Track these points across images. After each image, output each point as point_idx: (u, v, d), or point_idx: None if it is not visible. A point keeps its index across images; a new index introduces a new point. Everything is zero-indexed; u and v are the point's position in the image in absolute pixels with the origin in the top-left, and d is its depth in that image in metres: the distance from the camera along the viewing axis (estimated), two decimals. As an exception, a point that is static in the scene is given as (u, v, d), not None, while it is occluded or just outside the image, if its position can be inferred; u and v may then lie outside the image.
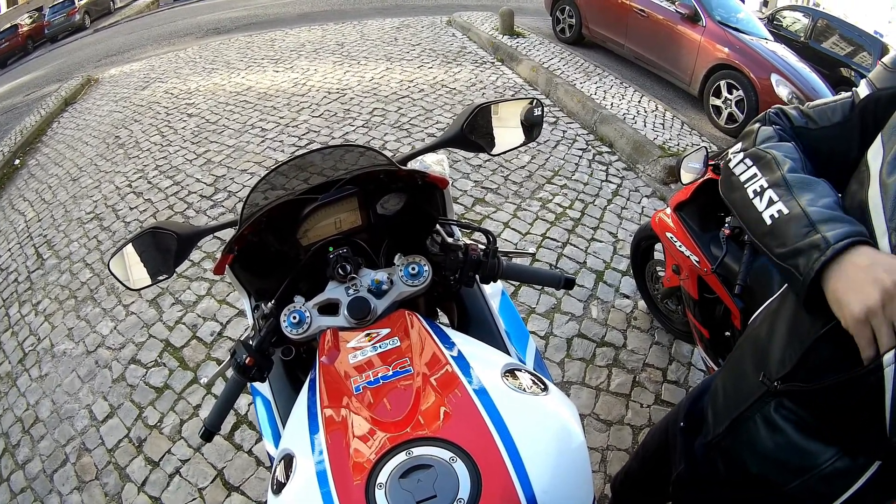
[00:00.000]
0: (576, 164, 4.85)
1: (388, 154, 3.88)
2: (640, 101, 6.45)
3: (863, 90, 1.06)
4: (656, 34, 7.66)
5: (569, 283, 1.31)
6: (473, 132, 1.44)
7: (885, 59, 1.30)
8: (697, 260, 2.38)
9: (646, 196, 4.50)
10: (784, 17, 12.46)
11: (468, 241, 1.33)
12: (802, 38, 11.54)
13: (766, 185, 0.96)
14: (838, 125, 1.07)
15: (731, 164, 1.06)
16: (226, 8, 15.25)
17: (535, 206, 4.17)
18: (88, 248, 4.16)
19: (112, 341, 3.26)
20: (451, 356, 1.06)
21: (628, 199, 4.44)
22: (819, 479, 1.01)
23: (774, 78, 6.42)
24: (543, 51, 8.04)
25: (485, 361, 1.07)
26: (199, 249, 3.81)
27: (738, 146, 1.09)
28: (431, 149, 1.46)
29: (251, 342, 1.17)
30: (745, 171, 1.02)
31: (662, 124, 5.88)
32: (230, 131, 5.51)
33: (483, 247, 1.31)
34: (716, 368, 2.53)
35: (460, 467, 0.85)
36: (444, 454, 0.86)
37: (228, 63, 8.14)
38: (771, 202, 0.93)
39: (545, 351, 3.01)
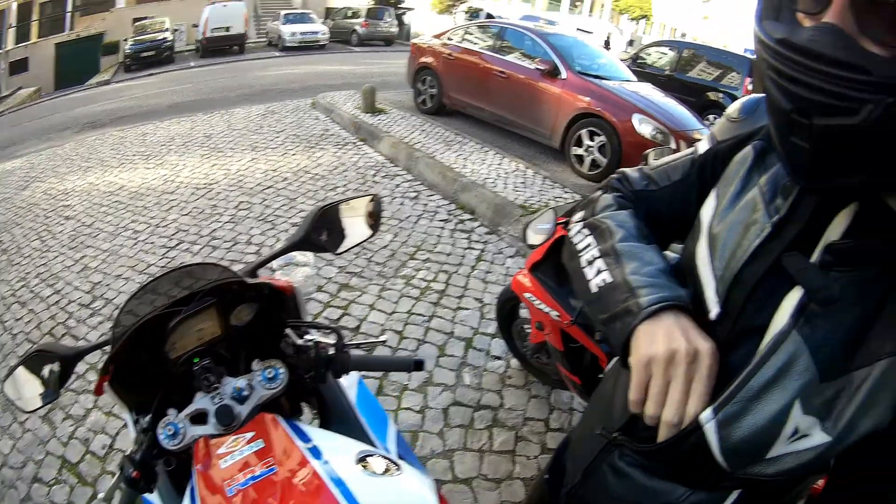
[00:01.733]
0: (438, 236, 5.17)
1: (253, 249, 3.98)
2: (500, 164, 6.93)
3: (703, 145, 1.14)
4: (517, 94, 8.23)
5: (418, 366, 1.43)
6: (317, 234, 1.58)
7: (729, 110, 1.42)
8: (558, 314, 2.59)
9: (510, 257, 4.85)
10: (649, 55, 13.49)
11: (319, 339, 1.46)
12: (668, 72, 12.55)
13: (597, 255, 1.02)
14: (678, 183, 1.14)
15: (571, 234, 1.14)
16: (102, 99, 15.79)
17: (400, 285, 4.40)
18: (-21, 361, 4.13)
19: (14, 460, 3.25)
20: (309, 450, 1.19)
21: (492, 263, 4.76)
22: None
23: (636, 118, 6.97)
24: (404, 125, 8.54)
25: (339, 451, 1.22)
26: (84, 361, 3.80)
27: (580, 214, 1.17)
28: (278, 255, 1.59)
29: (136, 456, 1.25)
30: (581, 241, 1.09)
31: (524, 183, 6.33)
32: (105, 234, 5.61)
33: (333, 343, 1.42)
34: None
35: None
36: None
37: (102, 161, 8.33)
38: (599, 272, 0.99)
39: (422, 424, 3.17)
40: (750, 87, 11.28)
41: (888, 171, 0.69)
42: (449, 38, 9.70)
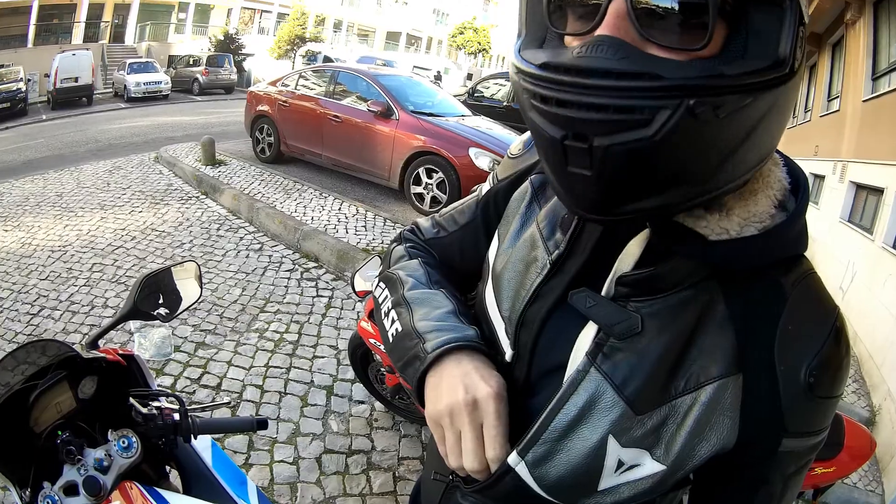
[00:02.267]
0: (285, 286, 5.23)
1: (110, 313, 3.88)
2: (340, 209, 7.12)
3: (485, 186, 1.12)
4: (352, 137, 8.38)
5: (261, 425, 1.54)
6: (146, 302, 1.63)
7: (511, 148, 1.28)
8: None
9: (359, 301, 4.94)
10: (486, 88, 13.96)
11: (164, 406, 1.50)
12: (505, 103, 12.96)
13: (391, 307, 1.01)
14: (465, 227, 1.13)
15: (374, 291, 1.11)
16: None
17: (254, 338, 4.42)
18: None
19: None
20: None
21: (342, 309, 4.89)
22: None
23: (473, 151, 7.22)
24: (244, 176, 8.57)
25: None
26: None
27: (381, 269, 1.19)
28: (113, 326, 1.61)
29: None
30: (380, 294, 1.07)
31: (365, 226, 6.55)
32: None
33: (176, 409, 1.48)
34: None
35: None
36: None
37: None
38: (392, 321, 0.97)
39: (298, 475, 3.19)
40: None
41: (686, 190, 0.65)
42: (284, 85, 9.75)
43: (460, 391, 0.80)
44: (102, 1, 38.08)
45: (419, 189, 7.54)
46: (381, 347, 2.83)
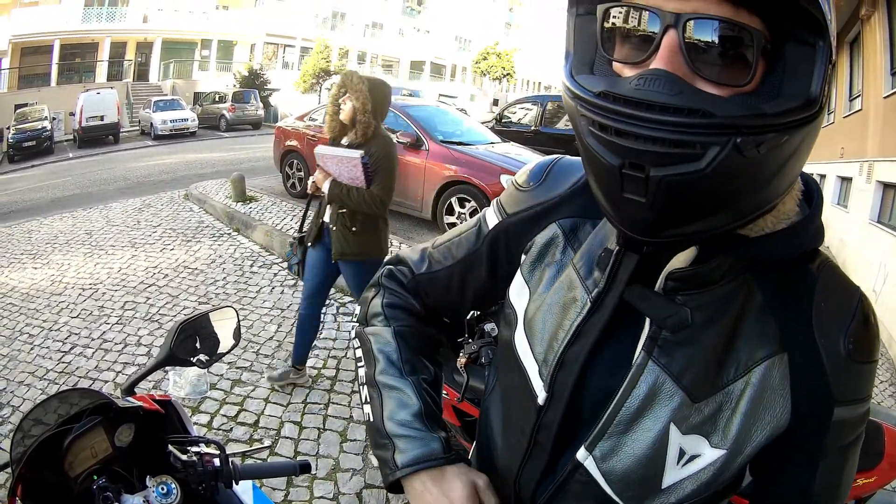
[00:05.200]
0: (322, 322, 5.21)
1: (143, 351, 3.93)
2: (374, 242, 7.05)
3: (491, 218, 1.11)
4: (383, 169, 8.41)
5: (304, 469, 1.54)
6: (182, 349, 1.65)
7: (517, 177, 1.24)
8: (445, 393, 2.76)
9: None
10: (513, 113, 14.09)
11: (204, 452, 1.49)
12: (533, 128, 13.09)
13: (363, 380, 1.11)
14: (463, 259, 1.14)
15: (352, 334, 1.23)
16: None
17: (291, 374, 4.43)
18: None
19: None
20: None
21: (379, 342, 4.85)
22: None
23: (504, 178, 7.29)
24: (276, 211, 8.73)
25: None
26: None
27: (357, 310, 1.25)
28: (149, 373, 1.66)
29: None
30: (357, 349, 1.17)
31: (401, 258, 6.48)
32: (2, 339, 5.40)
33: (216, 454, 1.48)
34: None
35: None
36: None
37: None
38: (365, 401, 1.09)
39: None
40: None
41: (728, 216, 0.72)
42: (312, 119, 9.95)
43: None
44: (124, 40, 39.30)
45: (452, 219, 7.63)
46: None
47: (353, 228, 3.73)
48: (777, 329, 0.80)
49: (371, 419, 1.05)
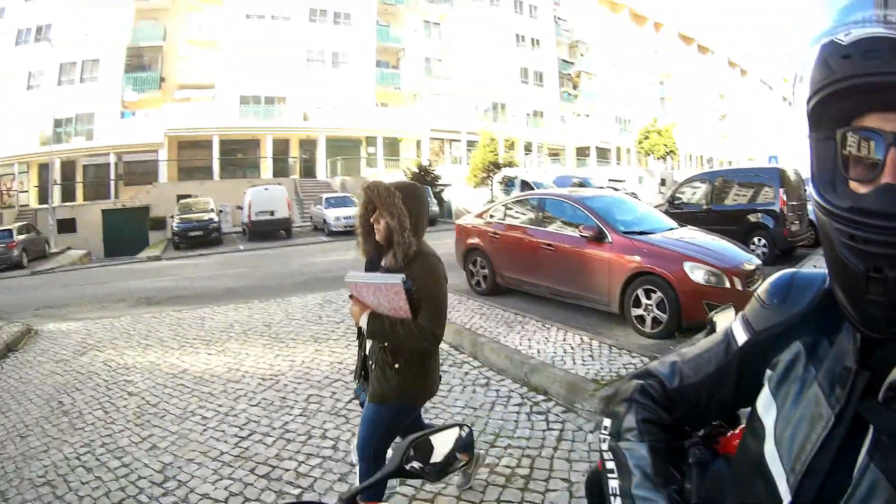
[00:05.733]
0: (515, 420, 5.36)
1: (329, 444, 4.15)
2: (564, 339, 7.23)
3: (739, 335, 1.21)
4: (567, 264, 8.63)
5: None
6: (410, 462, 1.66)
7: (759, 292, 1.28)
8: None
9: (589, 432, 5.00)
10: (683, 193, 13.99)
11: None
12: (705, 206, 13.04)
13: (617, 491, 1.19)
14: (713, 375, 1.24)
15: (601, 447, 1.31)
16: (154, 275, 16.98)
17: (484, 474, 4.51)
18: (44, 513, 4.38)
19: None
20: None
21: (573, 441, 4.92)
22: None
23: (687, 266, 7.30)
24: (463, 310, 8.97)
25: None
26: None
27: (608, 424, 1.32)
28: (376, 483, 1.69)
29: None
30: (608, 461, 1.25)
31: (591, 355, 6.60)
32: (171, 416, 5.81)
33: None
34: None
35: None
36: None
37: (162, 340, 8.75)
38: None
39: None
40: (784, 198, 11.64)
41: None
42: (490, 216, 10.27)
43: None
44: (286, 136, 42.53)
45: (639, 311, 7.58)
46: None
47: (396, 366, 3.20)
48: None
49: None
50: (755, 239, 11.69)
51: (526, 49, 55.26)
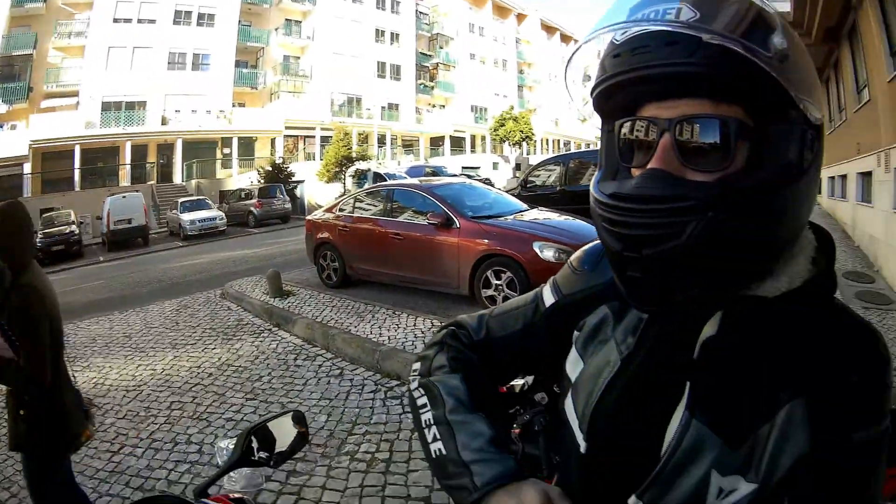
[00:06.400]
0: (371, 407, 5.46)
1: (194, 449, 4.10)
2: (415, 324, 7.43)
3: (548, 297, 1.26)
4: (416, 252, 8.79)
5: None
6: (253, 453, 1.69)
7: (572, 259, 1.34)
8: None
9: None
10: (538, 176, 14.45)
11: None
12: (559, 188, 13.46)
13: (431, 421, 1.14)
14: (519, 332, 1.27)
15: (411, 387, 1.24)
16: None
17: (346, 461, 4.58)
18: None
19: None
20: None
21: (429, 421, 4.99)
22: None
23: (537, 245, 7.55)
24: (314, 304, 8.99)
25: None
26: None
27: (417, 366, 1.29)
28: (220, 475, 1.69)
29: None
30: (419, 398, 1.20)
31: (441, 338, 6.67)
32: None
33: None
34: None
35: None
36: None
37: None
38: (435, 438, 1.11)
39: None
40: None
41: (729, 277, 0.89)
42: (340, 209, 10.31)
43: None
44: (144, 142, 41.35)
45: (490, 292, 7.81)
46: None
47: (21, 412, 2.86)
48: (795, 374, 0.89)
49: (443, 453, 1.08)
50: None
51: (385, 44, 55.65)
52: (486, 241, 7.94)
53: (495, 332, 1.30)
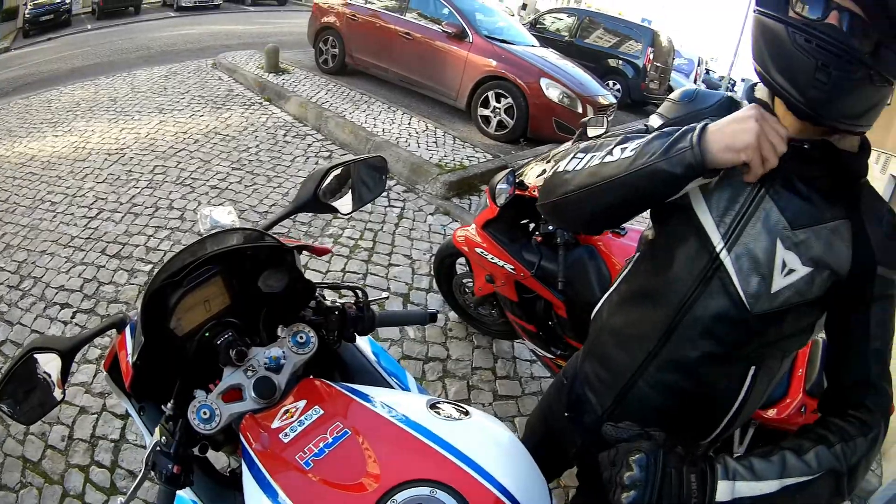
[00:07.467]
0: (359, 195, 5.39)
1: (176, 214, 3.87)
2: (409, 123, 7.37)
3: (655, 122, 1.47)
4: (422, 55, 8.55)
5: (433, 318, 1.62)
6: (325, 195, 1.61)
7: (673, 95, 1.79)
8: (513, 268, 2.94)
9: (430, 214, 5.26)
10: (549, 21, 14.07)
11: (340, 300, 1.53)
12: (567, 38, 13.17)
13: (613, 145, 1.24)
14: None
15: (560, 169, 1.32)
16: (2, 67, 14.89)
17: (328, 243, 4.65)
18: None
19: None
20: (376, 407, 1.23)
21: (414, 220, 5.14)
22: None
23: (544, 81, 7.49)
24: (309, 85, 8.78)
25: (407, 404, 1.25)
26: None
27: (546, 163, 1.49)
28: (287, 215, 1.63)
29: (168, 449, 1.19)
30: (581, 160, 1.28)
31: (435, 142, 6.78)
32: (22, 209, 5.41)
33: (355, 302, 1.49)
34: (548, 355, 3.13)
35: (443, 496, 1.02)
36: (424, 491, 1.03)
37: (10, 131, 7.95)
38: (624, 149, 1.20)
39: None
40: (651, 57, 12.12)
41: (857, 120, 1.06)
42: (353, -1, 9.85)
43: (747, 120, 1.08)
44: None
45: (486, 112, 7.76)
46: (489, 258, 3.05)
47: None
48: (845, 206, 1.16)
49: (641, 144, 1.18)
50: (609, 82, 11.99)
51: None
52: (495, 62, 7.77)
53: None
